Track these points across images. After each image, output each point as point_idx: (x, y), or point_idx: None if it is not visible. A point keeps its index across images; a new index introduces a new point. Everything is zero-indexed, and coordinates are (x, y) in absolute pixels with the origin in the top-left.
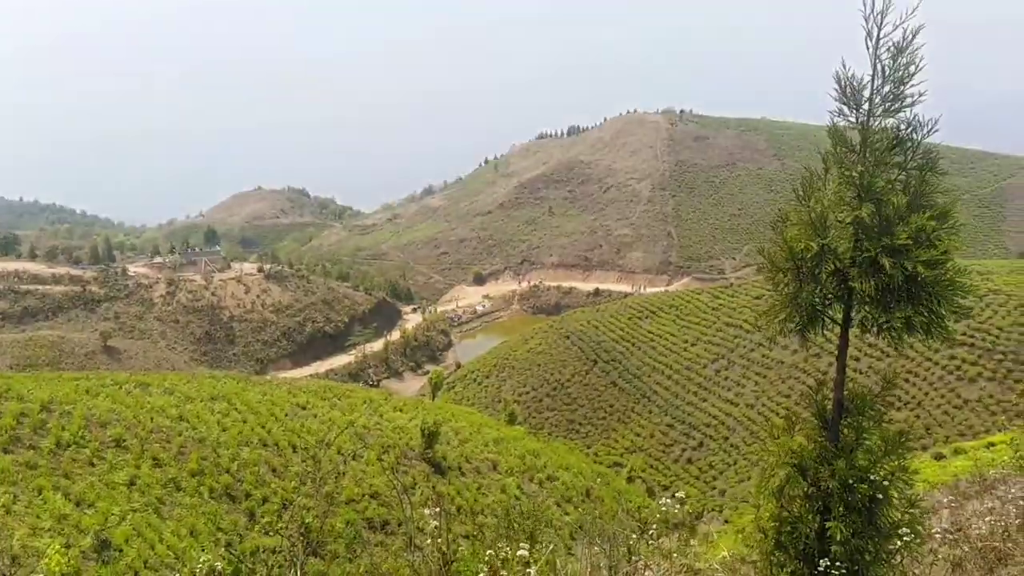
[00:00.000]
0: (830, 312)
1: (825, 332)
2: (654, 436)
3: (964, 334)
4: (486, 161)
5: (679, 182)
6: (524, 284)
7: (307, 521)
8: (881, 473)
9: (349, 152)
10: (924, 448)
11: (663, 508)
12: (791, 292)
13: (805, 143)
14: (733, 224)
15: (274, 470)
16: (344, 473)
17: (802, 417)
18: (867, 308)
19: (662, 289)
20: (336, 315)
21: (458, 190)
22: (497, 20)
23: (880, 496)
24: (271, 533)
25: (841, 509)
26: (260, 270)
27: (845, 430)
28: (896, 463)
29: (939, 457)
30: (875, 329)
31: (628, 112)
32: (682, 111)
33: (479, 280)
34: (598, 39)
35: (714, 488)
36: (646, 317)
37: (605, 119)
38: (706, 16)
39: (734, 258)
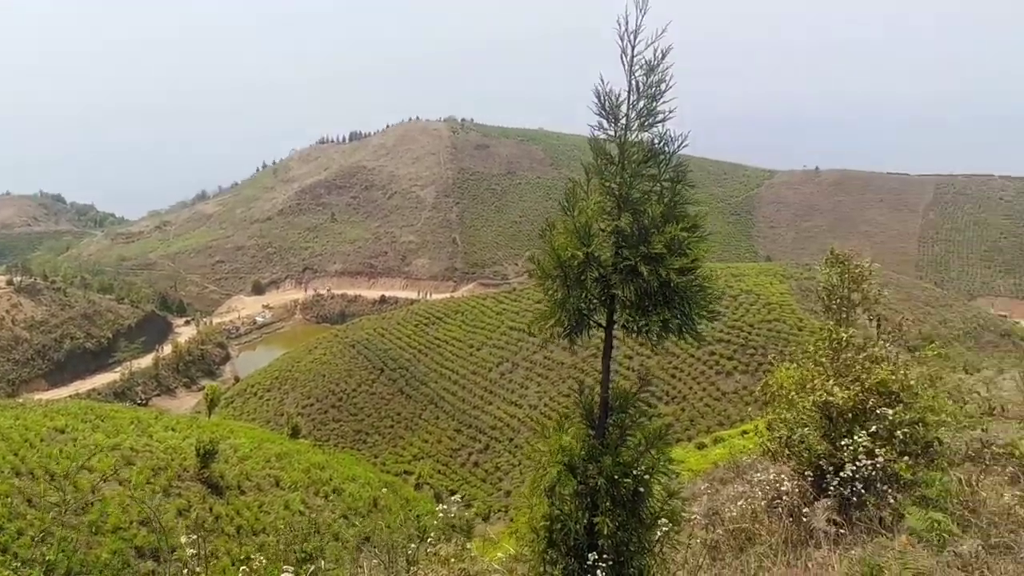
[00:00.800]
0: (595, 316)
1: (592, 335)
2: (442, 441)
3: (721, 331)
4: (263, 166)
5: (462, 189)
6: (307, 293)
7: (49, 558)
8: (643, 467)
9: (111, 157)
10: (689, 439)
11: (440, 514)
12: (560, 298)
13: (579, 153)
14: (515, 230)
15: (29, 500)
16: (104, 500)
17: (571, 417)
18: (628, 312)
19: (448, 295)
20: (99, 330)
21: (234, 196)
22: (266, 16)
23: (643, 489)
24: (21, 568)
25: (608, 504)
26: (9, 283)
27: (611, 428)
28: (656, 456)
29: (702, 446)
30: (635, 332)
31: (410, 119)
32: (463, 120)
33: (258, 289)
34: (384, 39)
35: (500, 489)
36: (432, 323)
37: (387, 125)
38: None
39: (517, 264)
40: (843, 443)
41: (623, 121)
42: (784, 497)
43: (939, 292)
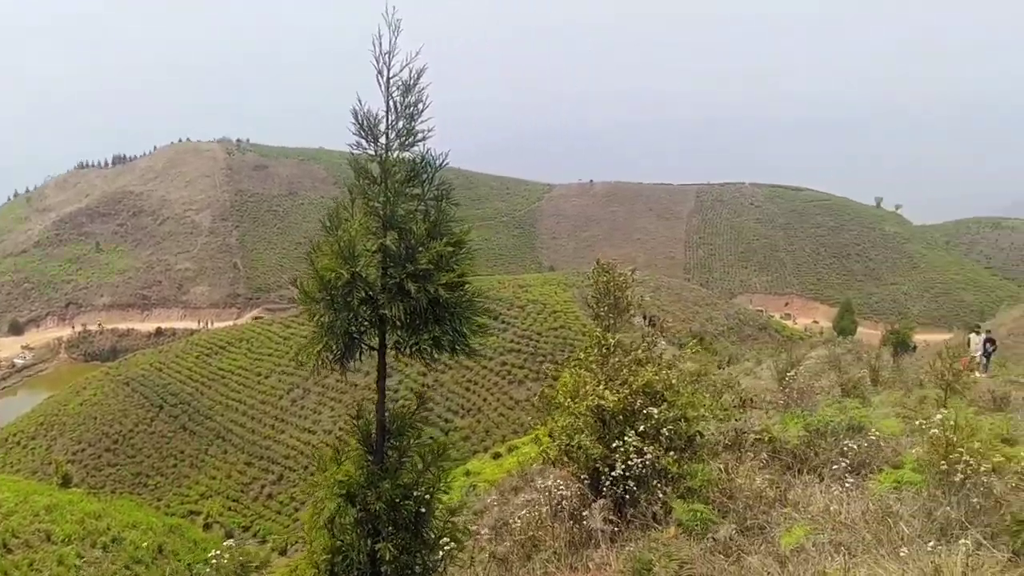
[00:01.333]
0: (367, 339)
1: (366, 358)
2: (231, 476)
3: (512, 341)
4: (15, 195)
5: (241, 212)
6: (73, 329)
7: None
8: (423, 488)
9: None
10: (486, 449)
11: (214, 560)
12: (327, 322)
13: None
14: (299, 252)
15: None
16: None
17: (348, 444)
18: (399, 332)
19: (231, 323)
20: None
21: None
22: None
23: (424, 510)
24: None
25: (390, 529)
26: None
27: (390, 451)
28: (436, 475)
29: (497, 456)
30: (408, 351)
31: (181, 140)
32: (239, 140)
33: (16, 329)
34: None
35: (297, 520)
36: (215, 353)
37: (155, 147)
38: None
39: None
40: (616, 444)
41: (383, 140)
42: (565, 502)
43: (705, 292)
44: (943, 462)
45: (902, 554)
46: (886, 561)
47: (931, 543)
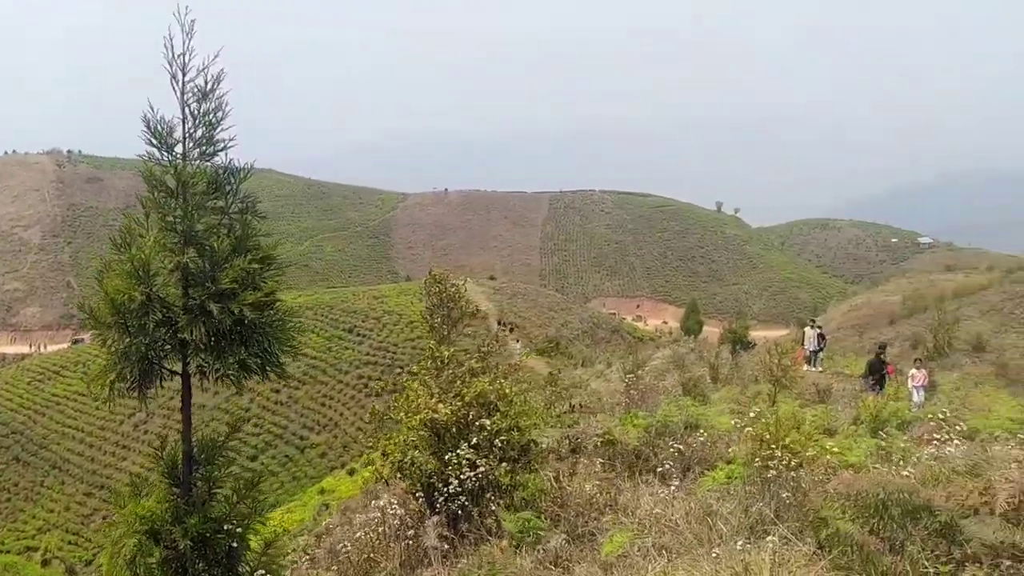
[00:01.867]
0: (168, 363)
1: (168, 384)
2: (70, 508)
3: (368, 354)
4: None
5: (74, 227)
6: None
7: None
8: (236, 520)
9: None
10: (343, 465)
11: None
12: (123, 348)
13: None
14: None
15: None
16: None
17: (151, 477)
18: (202, 355)
19: (66, 345)
20: None
21: None
22: None
23: (236, 544)
24: None
25: (201, 566)
26: None
27: (199, 483)
28: (251, 506)
29: (353, 472)
30: (213, 376)
31: (6, 153)
32: (70, 151)
33: None
34: None
35: None
36: (49, 379)
37: None
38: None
39: None
40: (449, 457)
41: (179, 150)
42: (399, 520)
43: (560, 297)
44: (757, 459)
45: (715, 553)
46: (703, 561)
47: (740, 541)
